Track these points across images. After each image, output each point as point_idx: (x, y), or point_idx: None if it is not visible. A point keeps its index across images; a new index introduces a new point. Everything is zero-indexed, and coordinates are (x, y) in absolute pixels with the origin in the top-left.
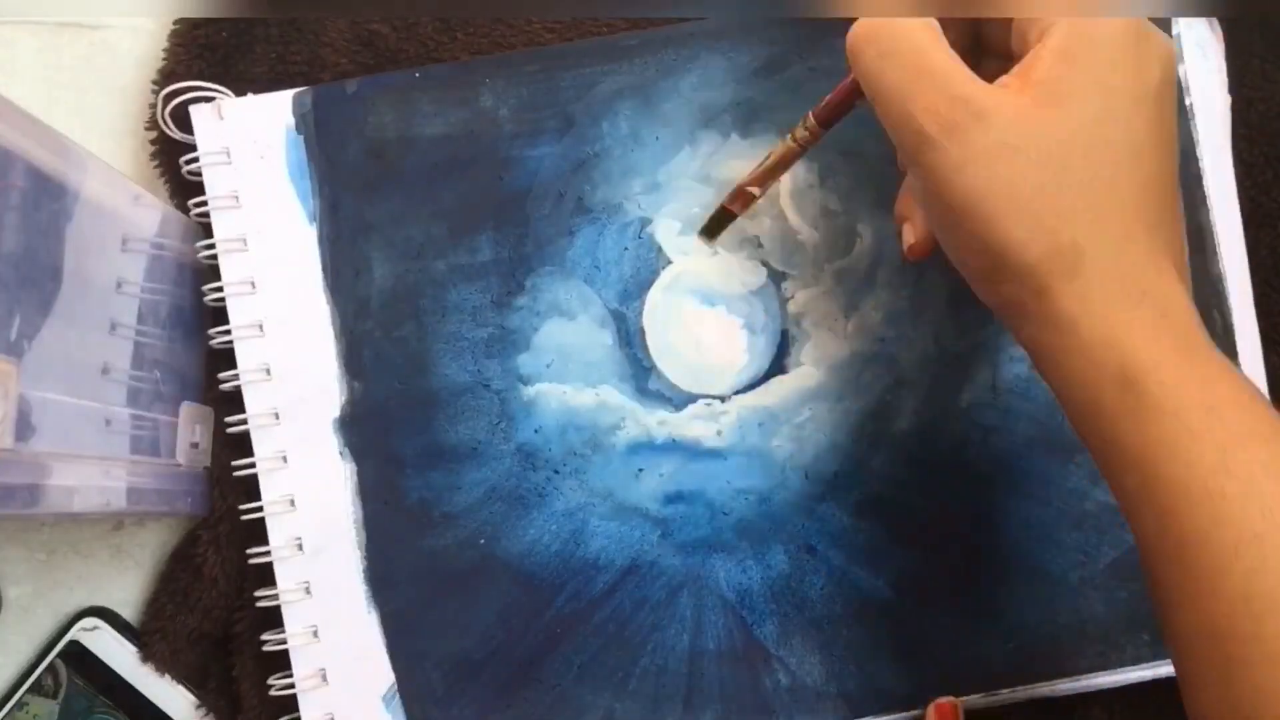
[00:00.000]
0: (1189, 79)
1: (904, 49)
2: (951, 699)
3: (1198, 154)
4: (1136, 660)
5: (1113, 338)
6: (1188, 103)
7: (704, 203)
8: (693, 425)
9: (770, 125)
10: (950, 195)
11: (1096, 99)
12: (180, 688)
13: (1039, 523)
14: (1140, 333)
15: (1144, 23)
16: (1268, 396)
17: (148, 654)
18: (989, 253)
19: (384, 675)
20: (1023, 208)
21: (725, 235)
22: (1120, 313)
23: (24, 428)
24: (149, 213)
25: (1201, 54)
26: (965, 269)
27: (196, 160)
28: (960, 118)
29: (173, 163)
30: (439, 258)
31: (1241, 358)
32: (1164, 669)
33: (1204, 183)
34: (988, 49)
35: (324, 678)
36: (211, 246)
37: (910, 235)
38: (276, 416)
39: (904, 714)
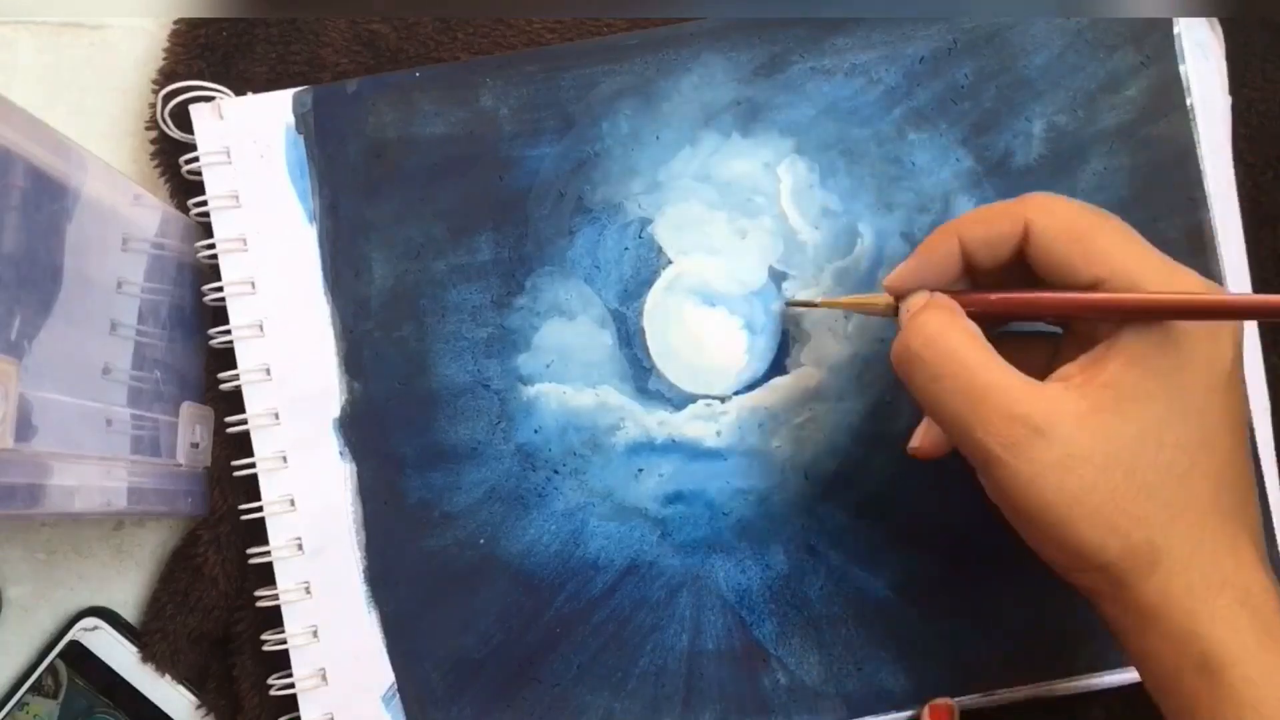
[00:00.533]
0: (1189, 79)
1: (953, 372)
2: (947, 700)
3: (1199, 154)
4: None
5: (1194, 629)
6: (1188, 103)
7: (706, 201)
8: (692, 425)
9: (771, 125)
10: (1022, 504)
11: (1164, 399)
12: (180, 688)
13: None
14: (1222, 624)
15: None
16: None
17: (148, 654)
18: (1065, 552)
19: (384, 675)
20: (1094, 513)
21: (723, 233)
22: (1201, 604)
23: (24, 428)
24: (149, 213)
25: (1202, 54)
26: (1041, 557)
27: (196, 160)
28: (1021, 435)
29: (173, 163)
30: (439, 258)
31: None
32: None
33: (1204, 183)
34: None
35: (324, 678)
36: (211, 246)
37: (918, 439)
38: (276, 417)
39: (903, 714)
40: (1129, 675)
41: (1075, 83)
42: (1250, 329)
